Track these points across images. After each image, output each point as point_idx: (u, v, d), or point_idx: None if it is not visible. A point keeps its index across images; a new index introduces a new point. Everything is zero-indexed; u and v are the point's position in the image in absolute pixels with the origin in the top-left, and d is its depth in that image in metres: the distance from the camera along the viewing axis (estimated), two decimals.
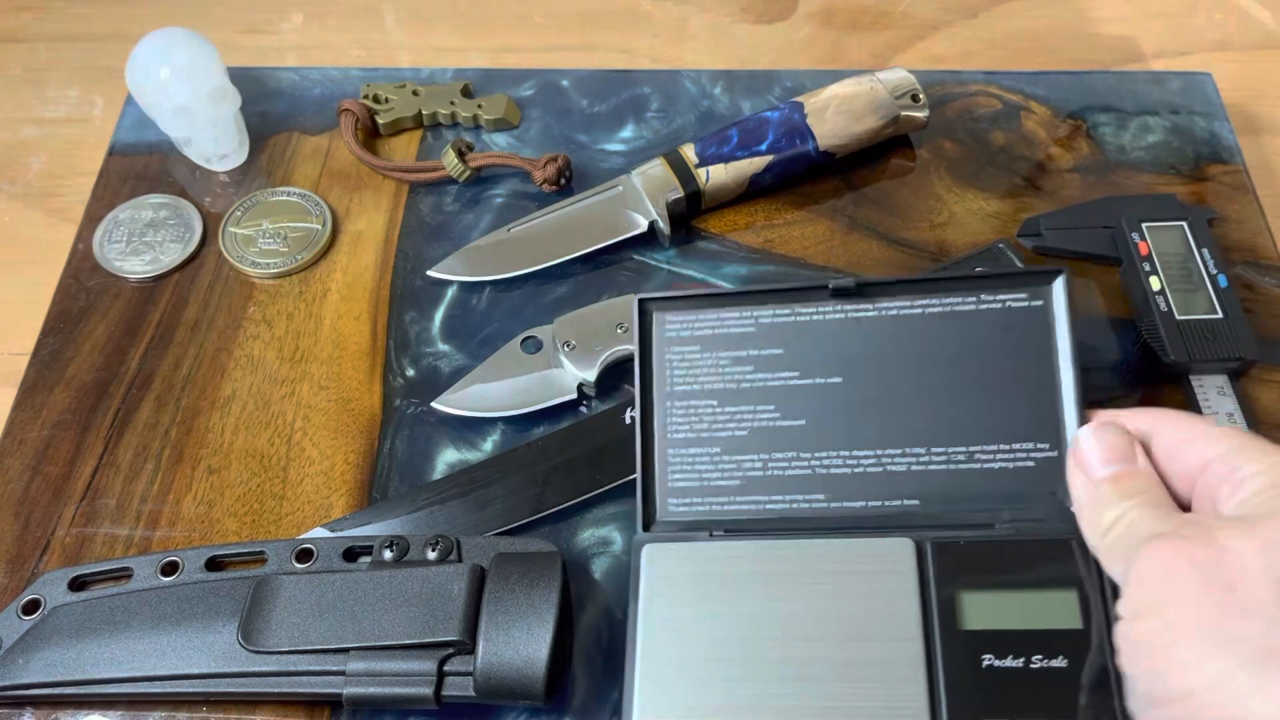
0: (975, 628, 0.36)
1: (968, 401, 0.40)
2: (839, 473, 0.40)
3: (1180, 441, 0.34)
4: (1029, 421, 0.40)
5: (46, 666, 0.39)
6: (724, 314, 0.42)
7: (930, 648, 0.36)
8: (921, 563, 0.38)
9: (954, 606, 0.37)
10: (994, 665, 0.35)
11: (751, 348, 0.42)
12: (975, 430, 0.40)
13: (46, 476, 0.46)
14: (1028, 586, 0.37)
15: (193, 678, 0.39)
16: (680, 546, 0.39)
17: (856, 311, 0.42)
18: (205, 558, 0.41)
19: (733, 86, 0.60)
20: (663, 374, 0.42)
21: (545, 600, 0.38)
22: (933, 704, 0.35)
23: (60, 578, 0.41)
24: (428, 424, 0.47)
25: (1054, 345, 0.40)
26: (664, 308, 0.43)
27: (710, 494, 0.41)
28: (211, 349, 0.50)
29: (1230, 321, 0.47)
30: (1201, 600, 0.29)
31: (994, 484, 0.39)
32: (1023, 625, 0.36)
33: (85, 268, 0.53)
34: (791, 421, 0.41)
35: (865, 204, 0.54)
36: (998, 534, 0.38)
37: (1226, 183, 0.54)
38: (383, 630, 0.38)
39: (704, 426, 0.41)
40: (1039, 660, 0.35)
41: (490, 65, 0.63)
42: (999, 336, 0.41)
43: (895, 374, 0.41)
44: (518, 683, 0.37)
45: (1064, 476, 0.38)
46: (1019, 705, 0.35)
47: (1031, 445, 0.39)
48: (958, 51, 0.65)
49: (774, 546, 0.39)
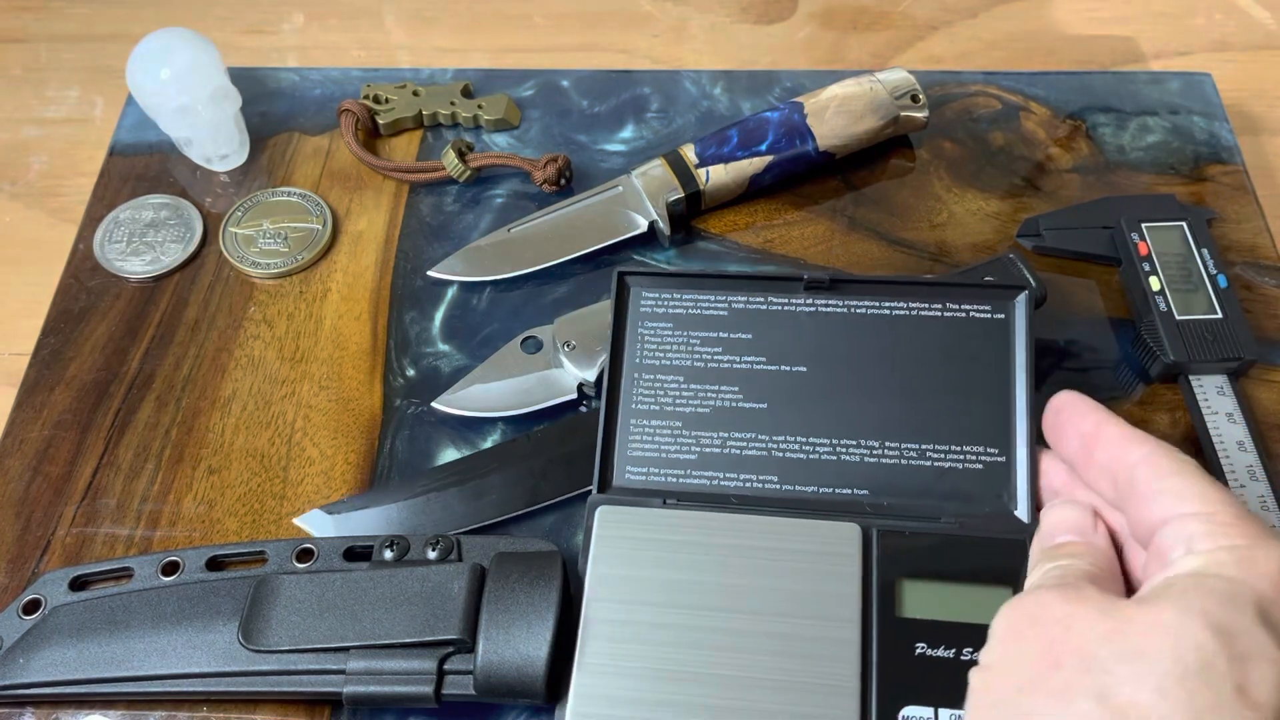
0: (912, 616, 0.37)
1: (925, 402, 0.42)
2: (794, 457, 0.41)
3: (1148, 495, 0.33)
4: (981, 427, 0.41)
5: (47, 666, 0.39)
6: (699, 295, 0.44)
7: (867, 632, 0.37)
8: (867, 548, 0.39)
9: (893, 594, 0.38)
10: (927, 654, 0.37)
11: (722, 330, 0.43)
12: (929, 429, 0.41)
13: (47, 476, 0.46)
14: (966, 581, 0.38)
15: (193, 677, 0.39)
16: (633, 511, 0.40)
17: (827, 306, 0.43)
18: (206, 557, 0.41)
19: (733, 87, 0.60)
20: (634, 346, 0.43)
21: (545, 599, 0.38)
22: (864, 686, 0.36)
23: (61, 578, 0.41)
24: (428, 424, 0.47)
25: (1012, 357, 0.42)
26: (642, 283, 0.44)
27: (667, 465, 0.42)
28: (212, 349, 0.50)
29: (1230, 321, 0.47)
30: (1028, 667, 0.29)
31: (943, 482, 0.41)
32: (958, 618, 0.37)
33: (86, 268, 0.53)
34: (753, 404, 0.42)
35: (865, 204, 0.54)
36: (942, 528, 0.40)
37: (1226, 183, 0.54)
38: (383, 629, 0.38)
39: (668, 400, 0.42)
40: (969, 653, 0.36)
41: (490, 65, 0.63)
42: (960, 344, 0.42)
43: (858, 369, 0.42)
44: (518, 681, 0.37)
45: (1010, 481, 0.40)
46: (946, 694, 0.36)
47: (982, 449, 0.41)
48: (957, 52, 0.65)
49: (724, 519, 0.40)
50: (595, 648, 0.37)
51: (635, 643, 0.37)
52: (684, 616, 0.38)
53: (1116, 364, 0.48)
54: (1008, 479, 0.40)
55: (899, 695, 0.36)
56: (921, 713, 0.36)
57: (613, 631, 0.38)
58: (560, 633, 0.37)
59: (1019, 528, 0.39)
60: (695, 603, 0.38)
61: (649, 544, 0.39)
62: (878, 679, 0.36)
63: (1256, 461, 0.44)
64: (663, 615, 0.38)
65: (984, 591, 0.38)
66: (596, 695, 0.36)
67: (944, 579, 0.38)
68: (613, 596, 0.38)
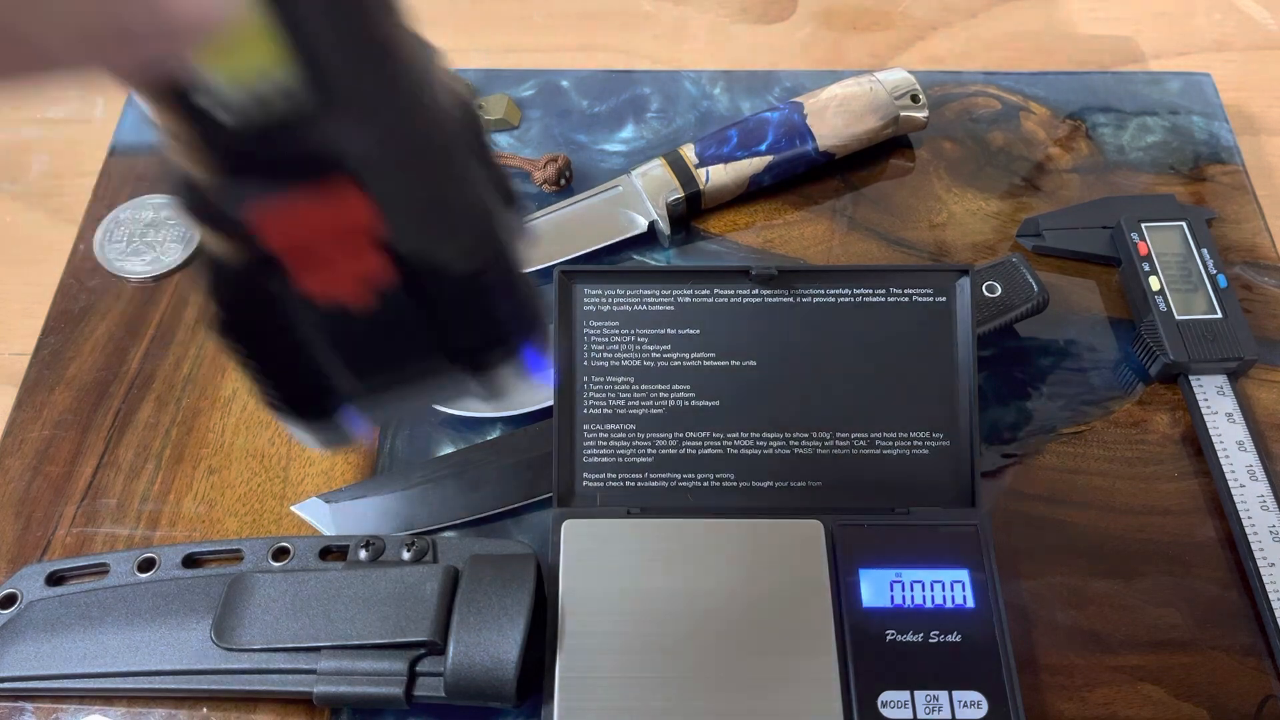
0: (877, 605, 0.38)
1: (872, 390, 0.42)
2: (749, 454, 0.42)
3: None
4: (927, 412, 0.42)
5: (21, 660, 0.39)
6: (644, 291, 0.43)
7: (840, 624, 0.38)
8: (831, 543, 0.40)
9: (857, 586, 0.39)
10: (897, 640, 0.38)
11: (670, 326, 0.43)
12: (877, 417, 0.42)
13: (47, 476, 0.46)
14: (924, 567, 0.39)
15: (165, 674, 0.39)
16: (598, 523, 0.40)
17: (774, 297, 0.43)
18: (182, 555, 0.41)
19: (732, 87, 0.60)
20: (581, 348, 0.43)
21: (518, 602, 0.37)
22: (843, 677, 0.37)
23: (38, 572, 0.41)
24: (428, 424, 0.47)
25: (954, 341, 0.42)
26: (584, 280, 0.43)
27: (624, 470, 0.42)
28: (212, 349, 0.50)
29: (1229, 321, 0.47)
30: None
31: (892, 470, 0.41)
32: (921, 604, 0.39)
33: (86, 268, 0.53)
34: (706, 402, 0.42)
35: (865, 204, 0.54)
36: (895, 519, 0.40)
37: (1225, 183, 0.54)
38: (355, 629, 0.38)
39: (620, 403, 0.42)
40: (936, 636, 0.38)
41: (490, 65, 0.63)
42: (904, 329, 0.43)
43: (807, 360, 0.42)
44: (488, 684, 0.37)
45: (957, 466, 0.41)
46: (919, 677, 0.37)
47: (928, 434, 0.42)
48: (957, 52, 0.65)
49: (689, 526, 0.40)
50: (573, 662, 0.37)
51: (613, 653, 0.37)
52: (659, 624, 0.38)
53: (1116, 364, 0.48)
54: (955, 464, 0.41)
55: (876, 681, 0.37)
56: (898, 696, 0.37)
57: (589, 644, 0.38)
58: (532, 636, 0.37)
59: (968, 513, 0.40)
60: (669, 610, 0.38)
61: (617, 555, 0.39)
62: (854, 668, 0.37)
63: (1256, 461, 0.44)
64: (637, 625, 0.38)
65: (940, 576, 0.39)
66: (580, 709, 0.36)
67: (902, 567, 0.39)
68: (585, 609, 0.38)
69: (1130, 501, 0.45)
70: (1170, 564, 0.43)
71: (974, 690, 0.37)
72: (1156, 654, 0.41)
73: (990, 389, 0.47)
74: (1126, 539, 0.44)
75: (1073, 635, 0.41)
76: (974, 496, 0.41)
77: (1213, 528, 0.44)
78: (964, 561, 0.39)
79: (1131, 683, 0.40)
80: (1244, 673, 0.41)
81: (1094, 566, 0.43)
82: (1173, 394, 0.47)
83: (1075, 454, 0.46)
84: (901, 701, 0.37)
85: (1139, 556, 0.43)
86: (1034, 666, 0.41)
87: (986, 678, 0.37)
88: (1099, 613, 0.42)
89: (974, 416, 0.41)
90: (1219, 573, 0.43)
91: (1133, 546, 0.44)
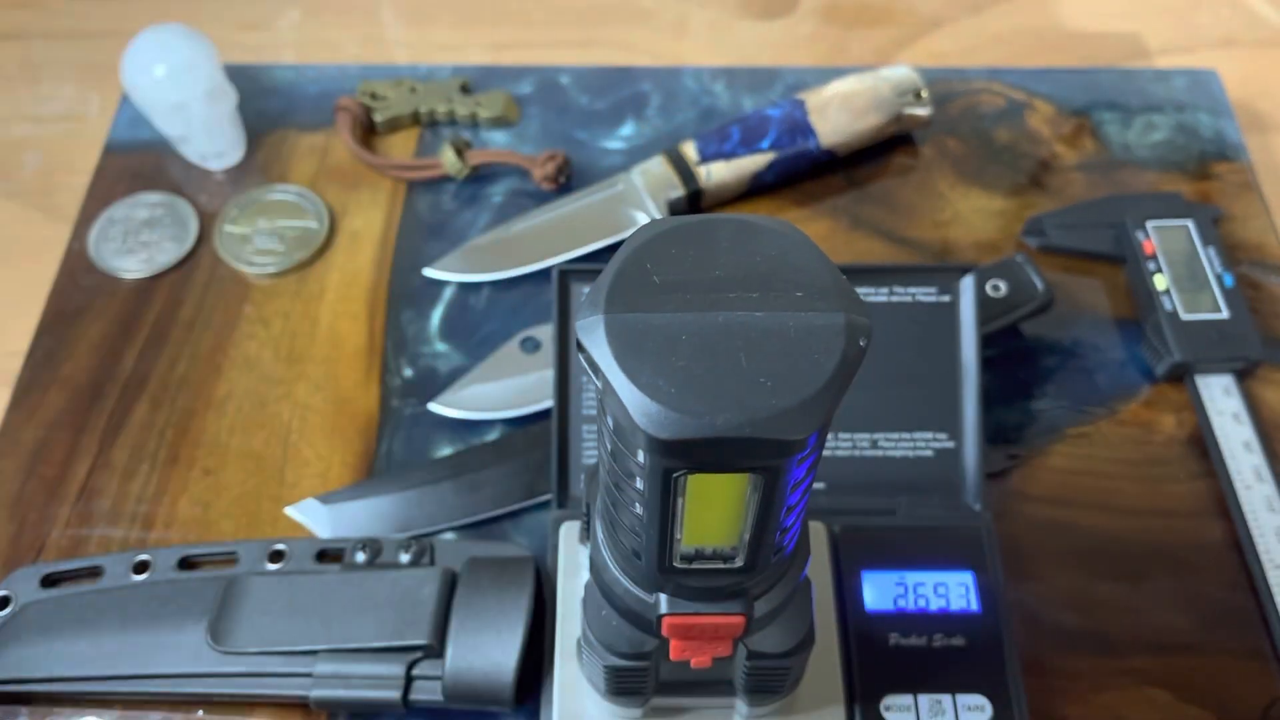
0: (881, 609, 0.38)
1: (875, 390, 0.42)
2: None
3: None
4: (931, 412, 0.41)
5: (15, 663, 0.39)
6: None
7: (844, 628, 0.38)
8: (833, 546, 0.39)
9: (861, 589, 0.39)
10: (900, 643, 0.38)
11: None
12: (880, 418, 0.42)
13: (41, 477, 0.45)
14: (927, 569, 0.39)
15: (160, 677, 0.38)
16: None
17: None
18: (177, 557, 0.41)
19: (734, 83, 0.59)
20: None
21: (516, 606, 0.37)
22: (848, 681, 0.37)
23: (32, 574, 0.41)
24: (425, 425, 0.47)
25: (958, 340, 0.42)
26: (584, 280, 0.43)
27: None
28: (207, 349, 0.49)
29: (1236, 321, 0.46)
30: None
31: (895, 471, 0.41)
32: (925, 607, 0.38)
33: (80, 267, 0.52)
34: None
35: (868, 202, 0.54)
36: (899, 521, 0.40)
37: (1232, 181, 0.54)
38: (352, 633, 0.38)
39: None
40: (940, 639, 0.37)
41: (489, 62, 0.63)
42: (908, 328, 0.42)
43: None
44: (486, 689, 0.36)
45: (960, 467, 0.41)
46: (923, 680, 0.37)
47: (931, 435, 0.41)
48: (961, 48, 0.65)
49: None
50: (572, 665, 0.37)
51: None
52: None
53: (1122, 363, 0.48)
54: (958, 465, 0.40)
55: (880, 685, 0.37)
56: (902, 700, 0.37)
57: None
58: (531, 639, 0.37)
59: (972, 514, 0.40)
60: None
61: None
62: (859, 673, 0.37)
63: (1263, 462, 0.44)
64: None
65: (944, 579, 0.39)
66: (579, 712, 0.36)
67: (905, 569, 0.39)
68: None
69: (1136, 503, 0.44)
70: (1177, 566, 0.43)
71: (978, 694, 0.37)
72: (1162, 657, 0.41)
73: (995, 389, 0.47)
74: (1132, 541, 0.43)
75: (1078, 638, 0.41)
76: (978, 498, 0.40)
77: (1219, 530, 0.44)
78: (968, 564, 0.39)
79: (1137, 686, 0.40)
80: (1251, 676, 0.40)
81: (1099, 569, 0.43)
82: (1179, 394, 0.47)
83: (1080, 455, 0.45)
84: (905, 705, 0.37)
85: (1145, 559, 0.43)
86: (1038, 670, 0.40)
87: (991, 681, 0.37)
88: (1104, 615, 0.42)
89: (978, 417, 0.41)
90: (1225, 575, 0.42)
91: (1139, 549, 0.43)
